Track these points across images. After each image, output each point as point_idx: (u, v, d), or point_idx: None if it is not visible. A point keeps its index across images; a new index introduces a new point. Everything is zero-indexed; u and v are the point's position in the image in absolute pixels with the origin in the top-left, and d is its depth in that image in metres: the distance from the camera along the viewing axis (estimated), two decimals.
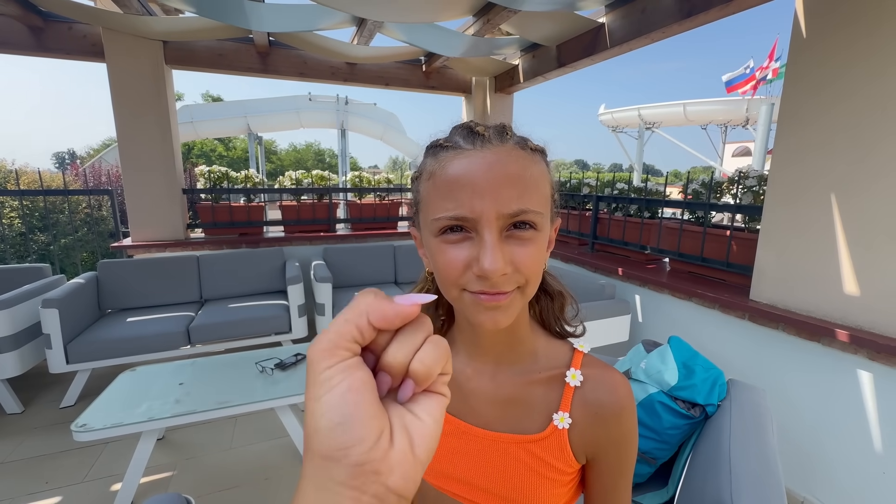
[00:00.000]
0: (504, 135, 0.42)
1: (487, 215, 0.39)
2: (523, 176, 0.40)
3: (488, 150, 0.40)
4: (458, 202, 0.39)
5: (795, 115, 1.66)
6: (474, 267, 0.40)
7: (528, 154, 0.42)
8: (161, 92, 2.95)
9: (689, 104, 14.88)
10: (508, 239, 0.41)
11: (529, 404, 0.49)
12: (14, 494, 1.75)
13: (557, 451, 0.48)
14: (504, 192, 0.39)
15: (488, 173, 0.39)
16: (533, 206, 0.40)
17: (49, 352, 2.27)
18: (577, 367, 0.50)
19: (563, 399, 0.49)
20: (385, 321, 0.23)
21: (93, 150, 23.24)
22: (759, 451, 0.89)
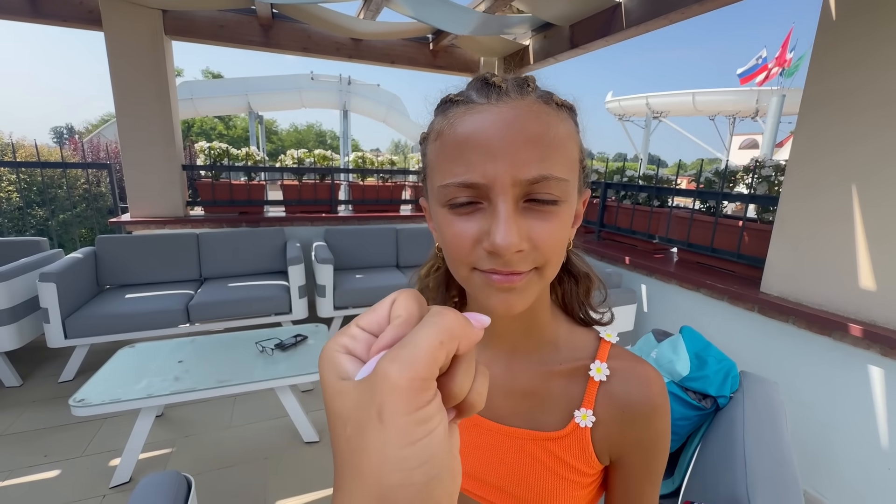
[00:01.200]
0: (525, 87, 0.36)
1: (502, 181, 0.33)
2: (546, 135, 0.34)
3: (505, 104, 0.34)
4: (469, 165, 0.34)
5: (819, 101, 1.59)
6: (485, 242, 0.34)
7: (554, 110, 0.35)
8: (160, 63, 2.87)
9: (698, 93, 14.65)
10: (526, 211, 0.35)
11: (548, 398, 0.45)
12: (13, 466, 1.74)
13: (578, 451, 0.44)
14: (522, 153, 0.33)
15: (504, 131, 0.33)
16: (557, 172, 0.34)
17: (47, 326, 2.25)
18: (604, 360, 0.45)
19: (587, 394, 0.44)
20: (469, 348, 0.21)
21: (91, 125, 22.96)
22: (775, 447, 0.86)
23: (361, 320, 0.23)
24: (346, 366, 0.21)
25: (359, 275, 3.12)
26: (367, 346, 0.22)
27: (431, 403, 0.18)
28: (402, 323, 0.21)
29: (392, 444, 0.17)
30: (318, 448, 1.91)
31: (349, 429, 0.19)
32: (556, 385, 0.45)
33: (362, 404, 0.18)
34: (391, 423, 0.17)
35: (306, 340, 2.11)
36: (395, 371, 0.18)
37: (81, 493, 1.62)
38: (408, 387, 0.17)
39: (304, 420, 1.94)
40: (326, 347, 0.22)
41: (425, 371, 0.18)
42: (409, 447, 0.17)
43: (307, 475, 1.75)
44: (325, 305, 2.80)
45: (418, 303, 0.22)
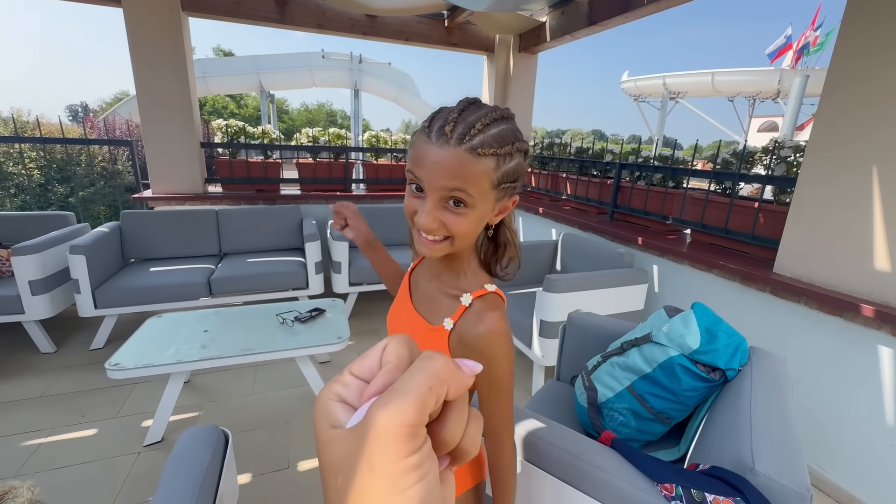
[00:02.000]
0: (463, 139, 0.53)
1: (430, 185, 0.55)
2: (462, 173, 0.54)
3: (443, 149, 0.53)
4: (418, 170, 0.56)
5: (843, 81, 1.57)
6: (417, 216, 0.58)
7: (474, 158, 0.53)
8: (178, 40, 2.89)
9: (717, 73, 14.21)
10: (445, 207, 0.56)
11: (440, 305, 0.67)
12: (54, 424, 1.86)
13: (439, 345, 0.64)
14: (445, 177, 0.54)
15: (436, 164, 0.54)
16: (466, 190, 0.54)
17: (78, 296, 2.35)
18: (474, 296, 0.64)
19: (456, 312, 0.64)
20: (459, 394, 0.21)
21: (105, 103, 23.09)
22: (780, 415, 0.90)
23: (354, 367, 0.23)
24: (337, 414, 0.20)
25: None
26: (358, 393, 0.21)
27: (421, 450, 0.18)
28: (391, 369, 0.21)
29: (382, 493, 0.17)
30: None
31: (340, 479, 0.18)
32: (446, 301, 0.66)
33: (352, 453, 0.18)
34: (381, 471, 0.17)
35: (324, 314, 2.18)
36: (383, 418, 0.17)
37: (118, 451, 1.74)
38: (396, 433, 0.17)
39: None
40: (320, 396, 0.22)
41: (413, 417, 0.17)
42: (399, 495, 0.17)
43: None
44: (341, 281, 2.87)
45: (409, 348, 0.22)
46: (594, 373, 1.34)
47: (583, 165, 3.29)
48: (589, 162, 3.21)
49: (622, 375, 1.25)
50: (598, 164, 3.11)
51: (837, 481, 1.65)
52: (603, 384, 1.28)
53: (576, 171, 3.40)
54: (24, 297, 2.27)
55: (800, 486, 0.72)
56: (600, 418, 1.27)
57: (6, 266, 2.45)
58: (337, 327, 2.05)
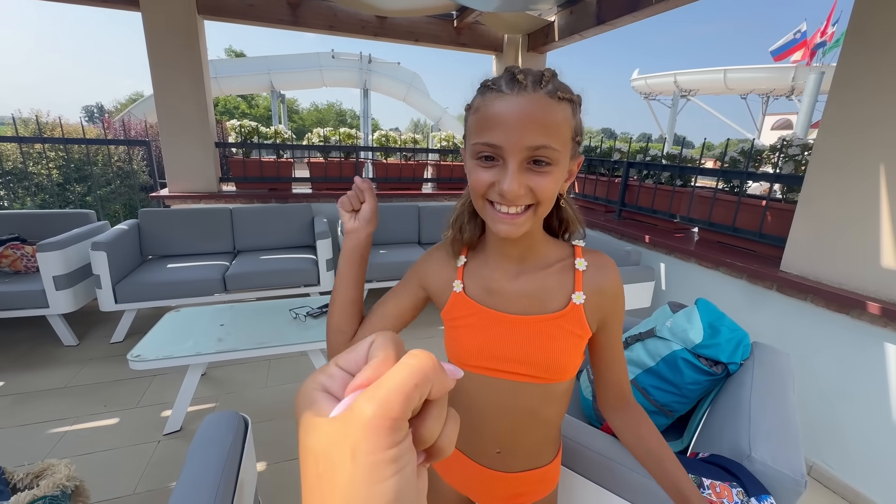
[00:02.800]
0: (539, 84, 0.50)
1: (513, 147, 0.49)
2: (547, 120, 0.49)
3: (523, 96, 0.49)
4: (493, 133, 0.50)
5: (852, 78, 1.57)
6: (497, 186, 0.52)
7: (556, 102, 0.50)
8: (194, 42, 2.96)
9: (729, 71, 14.01)
10: (528, 170, 0.51)
11: (551, 289, 0.62)
12: (78, 414, 1.95)
13: (576, 321, 0.61)
14: (528, 130, 0.49)
15: (519, 114, 0.49)
16: (551, 143, 0.50)
17: (99, 291, 2.44)
18: (580, 256, 0.63)
19: (576, 281, 0.62)
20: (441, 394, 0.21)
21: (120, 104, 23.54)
22: (779, 406, 0.93)
23: (340, 359, 0.23)
24: (321, 403, 0.21)
25: (382, 250, 3.23)
26: (343, 385, 0.22)
27: (402, 443, 0.18)
28: (378, 363, 0.21)
29: (361, 482, 0.17)
30: None
31: (321, 465, 0.18)
32: (553, 279, 0.62)
33: (336, 441, 0.18)
34: (362, 460, 0.18)
35: None
36: (369, 410, 0.18)
37: (139, 439, 1.81)
38: (380, 425, 0.18)
39: None
40: (304, 385, 0.22)
41: (398, 411, 0.18)
42: (378, 485, 0.17)
43: None
44: None
45: (395, 345, 0.22)
46: None
47: (591, 164, 3.30)
48: (597, 160, 3.22)
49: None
50: (605, 163, 3.12)
51: (843, 478, 1.66)
52: None
53: (584, 169, 3.41)
54: (49, 292, 2.36)
55: (795, 472, 0.75)
56: None
57: (32, 262, 2.55)
58: None
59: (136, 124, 5.64)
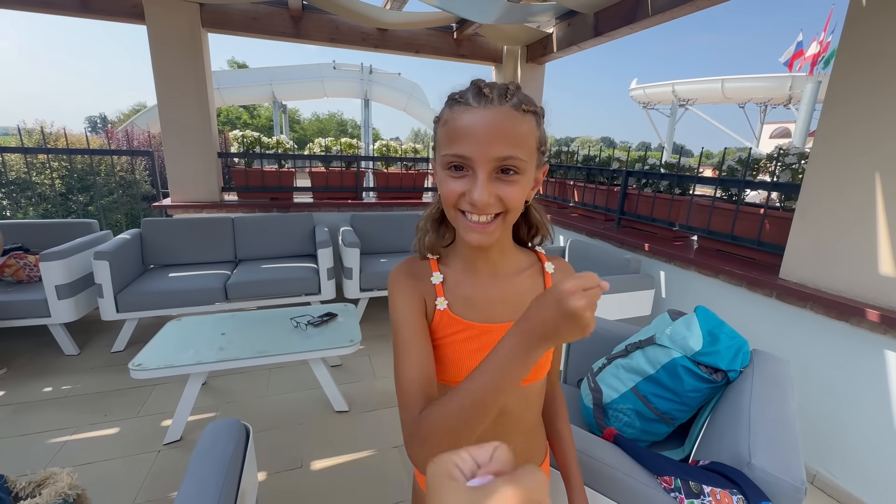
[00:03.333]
0: (504, 97, 0.52)
1: (481, 158, 0.51)
2: (513, 131, 0.52)
3: (489, 109, 0.51)
4: (462, 145, 0.52)
5: (846, 88, 1.60)
6: (467, 196, 0.53)
7: (521, 115, 0.52)
8: (198, 55, 3.01)
9: (727, 80, 14.15)
10: (496, 179, 0.53)
11: (526, 293, 0.64)
12: (78, 423, 1.94)
13: None
14: (496, 141, 0.51)
15: (487, 127, 0.51)
16: (518, 154, 0.52)
17: (101, 300, 2.45)
18: (547, 261, 0.68)
19: (546, 283, 0.66)
20: None
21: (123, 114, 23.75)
22: (778, 413, 0.93)
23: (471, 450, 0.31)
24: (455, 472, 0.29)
25: (383, 259, 3.25)
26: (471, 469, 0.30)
27: None
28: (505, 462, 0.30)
29: None
30: (348, 417, 2.06)
31: None
32: (527, 284, 0.65)
33: None
34: None
35: (336, 318, 2.24)
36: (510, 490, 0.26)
37: (139, 449, 1.80)
38: None
39: (335, 391, 2.08)
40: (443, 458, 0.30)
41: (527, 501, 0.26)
42: None
43: (338, 440, 1.89)
44: (352, 287, 2.93)
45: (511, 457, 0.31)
46: (599, 374, 1.37)
47: (590, 173, 3.33)
48: (596, 169, 3.25)
49: (626, 377, 1.29)
50: (605, 172, 3.14)
51: (845, 485, 1.65)
52: (608, 385, 1.32)
53: (583, 178, 3.44)
54: (51, 301, 2.37)
55: (795, 479, 0.75)
56: (605, 419, 1.30)
57: (34, 271, 2.56)
58: (349, 331, 2.11)
59: (140, 134, 5.70)
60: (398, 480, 1.69)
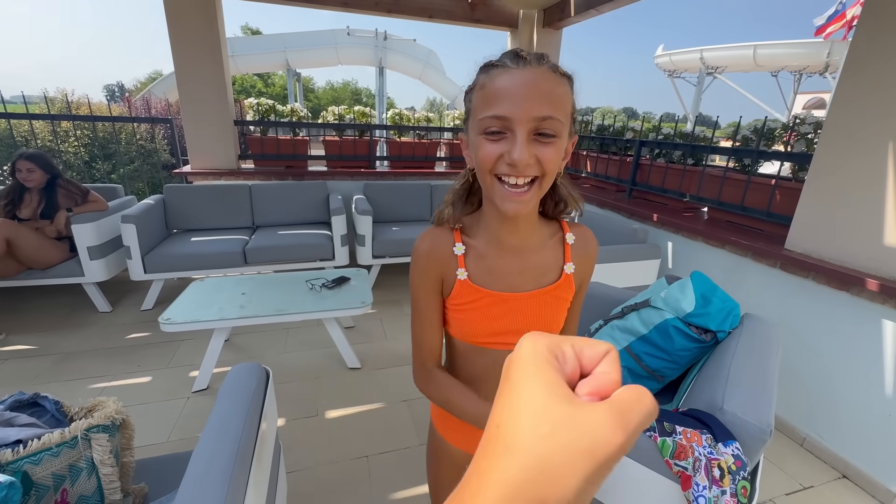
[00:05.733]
0: (541, 60, 0.53)
1: (521, 117, 0.51)
2: (552, 92, 0.52)
3: (528, 69, 0.52)
4: (501, 105, 0.52)
5: (866, 55, 1.55)
6: (506, 157, 0.53)
7: (558, 77, 0.54)
8: (212, 22, 3.03)
9: (759, 46, 13.40)
10: (534, 141, 0.53)
11: (547, 264, 0.68)
12: (114, 372, 2.12)
13: (567, 288, 0.69)
14: (536, 100, 0.51)
15: (527, 85, 0.51)
16: (556, 115, 0.52)
17: (130, 262, 2.60)
18: (568, 231, 0.70)
19: (566, 254, 0.69)
20: None
21: (140, 82, 23.85)
22: (757, 367, 0.99)
23: (576, 345, 0.23)
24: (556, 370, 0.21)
25: (395, 227, 3.32)
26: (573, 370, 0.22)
27: None
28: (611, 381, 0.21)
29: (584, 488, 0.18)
30: (360, 373, 2.19)
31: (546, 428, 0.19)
32: (549, 255, 0.68)
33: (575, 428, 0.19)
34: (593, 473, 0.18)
35: (349, 281, 2.35)
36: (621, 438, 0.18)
37: (170, 395, 1.97)
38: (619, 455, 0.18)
39: (349, 349, 2.21)
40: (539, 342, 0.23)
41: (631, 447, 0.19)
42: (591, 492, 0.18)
43: (351, 393, 2.03)
44: (365, 253, 3.03)
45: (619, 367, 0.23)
46: (596, 335, 1.44)
47: (603, 143, 3.29)
48: (609, 139, 3.21)
49: (621, 337, 1.35)
50: (618, 142, 3.11)
51: (835, 449, 1.71)
52: None
53: (596, 148, 3.40)
54: (84, 262, 2.53)
55: (761, 422, 0.82)
56: None
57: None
58: (361, 293, 2.21)
59: (158, 102, 5.77)
60: (406, 430, 1.82)
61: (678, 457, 0.81)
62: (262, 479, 1.01)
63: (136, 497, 1.00)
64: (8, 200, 2.45)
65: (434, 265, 0.67)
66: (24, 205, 2.49)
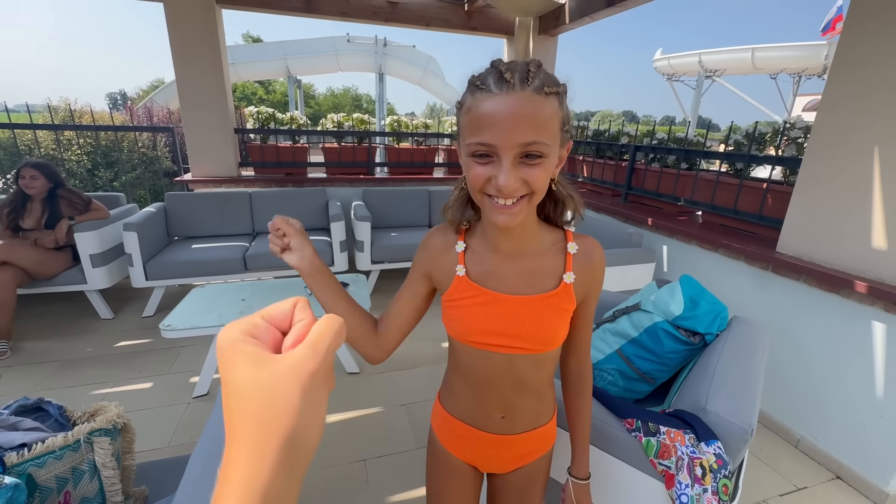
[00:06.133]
0: (525, 81, 0.52)
1: (505, 145, 0.53)
2: (536, 115, 0.52)
3: (511, 95, 0.52)
4: (486, 133, 0.53)
5: (851, 60, 1.59)
6: (493, 181, 0.55)
7: (543, 97, 0.53)
8: (213, 31, 3.08)
9: (758, 49, 13.47)
10: (521, 164, 0.54)
11: (545, 271, 0.68)
12: (116, 378, 2.15)
13: (566, 298, 0.68)
14: (519, 128, 0.52)
15: (509, 114, 0.52)
16: (541, 139, 0.53)
17: (131, 269, 2.64)
18: (572, 241, 0.69)
19: (567, 263, 0.68)
20: None
21: (142, 90, 24.06)
22: (743, 368, 1.01)
23: (265, 313, 0.28)
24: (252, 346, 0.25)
25: (394, 232, 3.36)
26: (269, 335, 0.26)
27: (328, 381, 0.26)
28: (305, 325, 0.27)
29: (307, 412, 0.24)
30: (359, 378, 2.22)
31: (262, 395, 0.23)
32: (548, 262, 0.69)
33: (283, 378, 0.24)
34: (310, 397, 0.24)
35: (348, 287, 2.38)
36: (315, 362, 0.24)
37: (171, 401, 2.00)
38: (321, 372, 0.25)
39: (347, 354, 2.23)
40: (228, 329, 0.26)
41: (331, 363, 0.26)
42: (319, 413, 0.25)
43: (349, 398, 2.05)
44: (364, 259, 3.06)
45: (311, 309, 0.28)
46: None
47: (599, 148, 3.33)
48: (605, 144, 3.25)
49: (612, 340, 1.38)
50: (613, 147, 3.14)
51: (829, 451, 1.72)
52: (595, 348, 1.41)
53: (592, 153, 3.44)
54: (87, 269, 2.57)
55: (744, 422, 0.84)
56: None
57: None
58: (359, 299, 2.24)
59: (159, 111, 5.84)
60: (404, 434, 1.84)
61: (662, 456, 0.83)
62: None
63: (136, 499, 1.02)
64: (11, 209, 2.49)
65: (432, 257, 0.72)
66: (28, 214, 2.52)
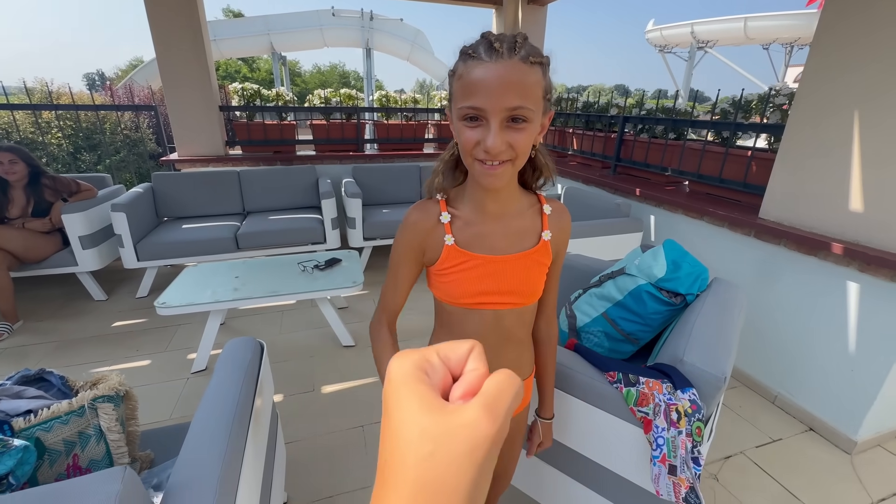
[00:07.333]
0: (513, 50, 0.57)
1: (494, 108, 0.57)
2: (522, 82, 0.57)
3: (500, 63, 0.56)
4: (476, 98, 0.58)
5: (833, 28, 1.60)
6: (482, 144, 0.60)
7: (528, 66, 0.58)
8: (192, 5, 2.98)
9: (750, 18, 13.31)
10: (508, 127, 0.59)
11: (526, 230, 0.76)
12: (113, 357, 2.18)
13: (545, 253, 0.77)
14: (507, 93, 0.57)
15: (498, 80, 0.56)
16: (526, 104, 0.58)
17: (122, 250, 2.63)
18: (545, 203, 0.78)
19: (543, 222, 0.77)
20: None
21: (121, 70, 23.25)
22: (720, 324, 1.06)
23: (441, 351, 0.24)
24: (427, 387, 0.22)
25: (385, 209, 3.36)
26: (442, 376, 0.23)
27: None
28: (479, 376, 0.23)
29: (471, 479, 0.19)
30: (354, 350, 2.27)
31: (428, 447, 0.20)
32: (527, 222, 0.76)
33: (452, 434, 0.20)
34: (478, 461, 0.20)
35: (340, 262, 2.40)
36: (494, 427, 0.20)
37: (170, 377, 2.04)
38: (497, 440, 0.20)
39: (342, 328, 2.27)
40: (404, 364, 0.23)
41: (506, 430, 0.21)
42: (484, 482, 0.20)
43: (345, 370, 2.11)
44: (356, 236, 3.07)
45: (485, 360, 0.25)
46: (575, 303, 1.51)
47: (588, 120, 3.32)
48: (594, 116, 3.24)
49: (598, 304, 1.42)
50: (602, 118, 3.14)
51: (803, 405, 1.82)
52: (582, 312, 1.46)
53: (582, 126, 3.43)
54: (77, 251, 2.56)
55: (717, 371, 0.89)
56: (578, 340, 1.46)
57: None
58: (352, 274, 2.27)
59: (141, 90, 5.68)
60: None
61: (641, 404, 0.88)
62: (261, 442, 1.08)
63: (143, 463, 1.07)
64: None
65: (420, 235, 0.75)
66: (11, 204, 2.47)
